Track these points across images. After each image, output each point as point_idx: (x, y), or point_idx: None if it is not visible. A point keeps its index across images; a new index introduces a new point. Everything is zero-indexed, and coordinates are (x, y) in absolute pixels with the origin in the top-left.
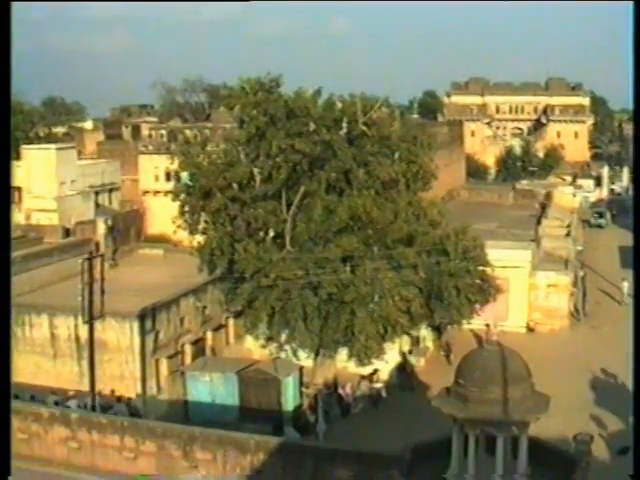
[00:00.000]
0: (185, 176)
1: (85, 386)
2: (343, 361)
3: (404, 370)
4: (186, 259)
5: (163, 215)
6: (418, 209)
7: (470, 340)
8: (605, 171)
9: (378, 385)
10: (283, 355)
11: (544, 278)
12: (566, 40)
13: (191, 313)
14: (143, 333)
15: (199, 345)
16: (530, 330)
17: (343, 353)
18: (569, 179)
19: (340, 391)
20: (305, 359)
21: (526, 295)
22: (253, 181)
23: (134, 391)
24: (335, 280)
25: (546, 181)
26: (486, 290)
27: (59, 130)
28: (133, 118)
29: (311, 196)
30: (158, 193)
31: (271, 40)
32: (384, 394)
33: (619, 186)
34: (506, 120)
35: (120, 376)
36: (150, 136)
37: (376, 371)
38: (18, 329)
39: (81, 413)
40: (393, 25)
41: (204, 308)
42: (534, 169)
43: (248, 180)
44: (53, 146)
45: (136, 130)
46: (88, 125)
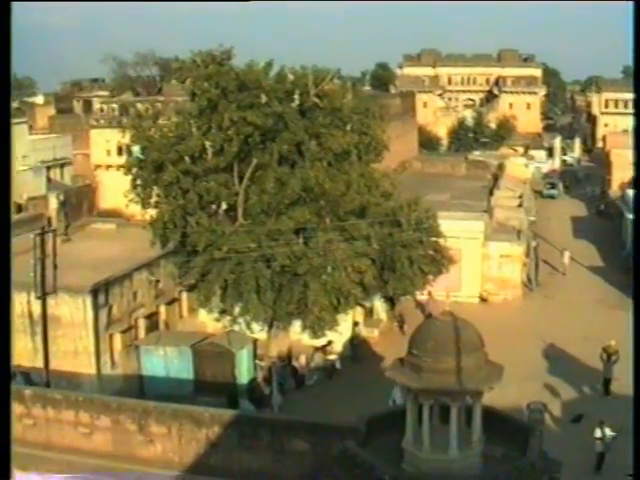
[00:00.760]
0: (137, 150)
1: (40, 362)
2: (297, 333)
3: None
4: (139, 233)
5: (115, 189)
6: (370, 180)
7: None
8: (557, 142)
9: (332, 357)
10: (237, 328)
11: (497, 249)
12: (519, 12)
13: (144, 287)
14: (96, 308)
15: (153, 319)
16: (483, 300)
17: (297, 325)
18: (521, 150)
19: (294, 363)
20: (259, 331)
21: (479, 266)
22: (205, 154)
23: (88, 366)
24: (288, 252)
25: (498, 152)
26: (439, 261)
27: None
28: (84, 92)
29: (263, 168)
30: (110, 167)
31: (224, 13)
32: (338, 366)
33: (571, 157)
34: (458, 91)
35: (74, 351)
36: (102, 110)
37: (330, 343)
38: None
39: (34, 389)
40: None
41: (157, 282)
42: (486, 140)
43: (200, 153)
44: None
45: (87, 104)
46: (39, 100)
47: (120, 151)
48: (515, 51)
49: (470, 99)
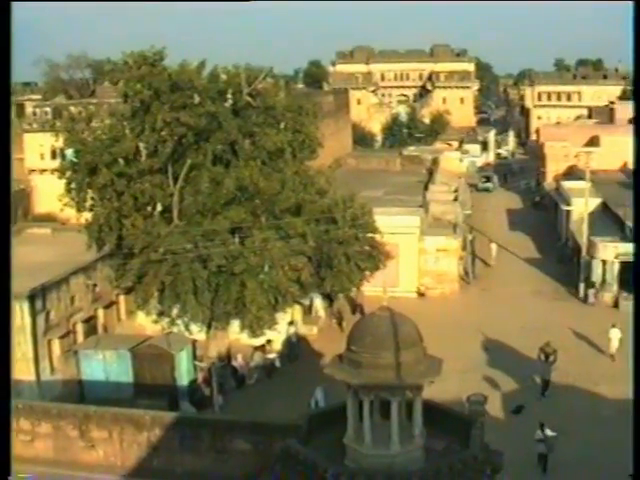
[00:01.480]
0: (70, 153)
1: None
2: (236, 333)
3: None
4: (74, 237)
5: (50, 193)
6: (305, 178)
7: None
8: (491, 136)
9: (271, 355)
10: (175, 329)
11: (433, 243)
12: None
13: (82, 291)
14: (34, 314)
15: (91, 323)
16: (421, 295)
17: (235, 325)
18: (456, 144)
19: (234, 363)
20: (198, 332)
21: (416, 260)
22: (139, 156)
23: (27, 373)
24: (224, 252)
25: (433, 147)
26: (375, 257)
27: None
28: (16, 96)
29: (198, 169)
30: (44, 171)
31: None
32: (278, 364)
33: (505, 150)
34: (392, 87)
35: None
36: (34, 114)
37: (269, 341)
38: None
39: None
40: None
41: (94, 286)
42: (421, 135)
43: (134, 155)
44: None
45: (20, 108)
46: None
47: (54, 155)
48: (447, 46)
49: (404, 95)
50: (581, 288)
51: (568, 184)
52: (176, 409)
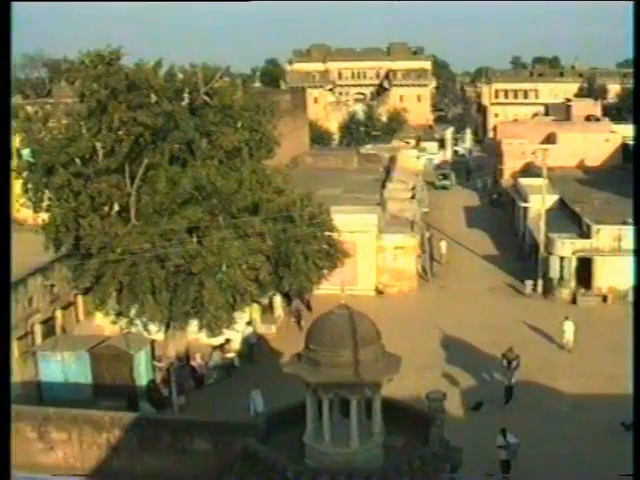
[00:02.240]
0: (27, 153)
1: None
2: (194, 332)
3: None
4: (32, 238)
5: None
6: (262, 177)
7: (320, 305)
8: (448, 133)
9: (230, 355)
10: (134, 330)
11: (391, 241)
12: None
13: (39, 292)
14: None
15: (49, 324)
16: (379, 293)
17: (194, 324)
18: (413, 142)
19: (192, 363)
20: (156, 332)
21: (374, 258)
22: (96, 155)
23: None
24: (182, 252)
25: (390, 145)
26: (333, 255)
27: None
28: None
29: (155, 168)
30: None
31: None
32: (237, 363)
33: (462, 148)
34: (349, 86)
35: None
36: None
37: (228, 341)
38: None
39: None
40: None
41: (52, 286)
42: (378, 133)
43: (91, 155)
44: None
45: None
46: None
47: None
48: (404, 44)
49: (361, 93)
50: (539, 284)
51: (525, 181)
52: (135, 410)
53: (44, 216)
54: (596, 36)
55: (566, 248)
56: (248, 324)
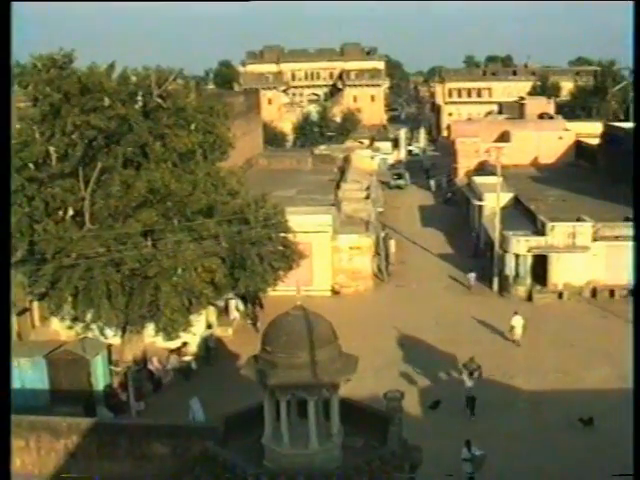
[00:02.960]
0: None
1: None
2: (151, 336)
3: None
4: None
5: None
6: (217, 179)
7: (276, 307)
8: (402, 133)
9: (188, 358)
10: (90, 334)
11: (346, 241)
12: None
13: None
14: None
15: None
16: (335, 293)
17: (150, 328)
18: (367, 142)
19: (150, 366)
20: (112, 337)
21: (329, 259)
22: (49, 160)
23: None
24: (137, 255)
25: (344, 145)
26: (289, 256)
27: None
28: None
29: (108, 172)
30: None
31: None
32: (194, 366)
33: (416, 147)
34: (302, 87)
35: None
36: None
37: (185, 344)
38: None
39: None
40: None
41: None
42: (332, 134)
43: (44, 159)
44: None
45: None
46: None
47: None
48: (357, 45)
49: (314, 94)
50: (495, 282)
51: (480, 179)
52: (93, 415)
53: None
54: (548, 35)
55: (521, 246)
56: (208, 327)
